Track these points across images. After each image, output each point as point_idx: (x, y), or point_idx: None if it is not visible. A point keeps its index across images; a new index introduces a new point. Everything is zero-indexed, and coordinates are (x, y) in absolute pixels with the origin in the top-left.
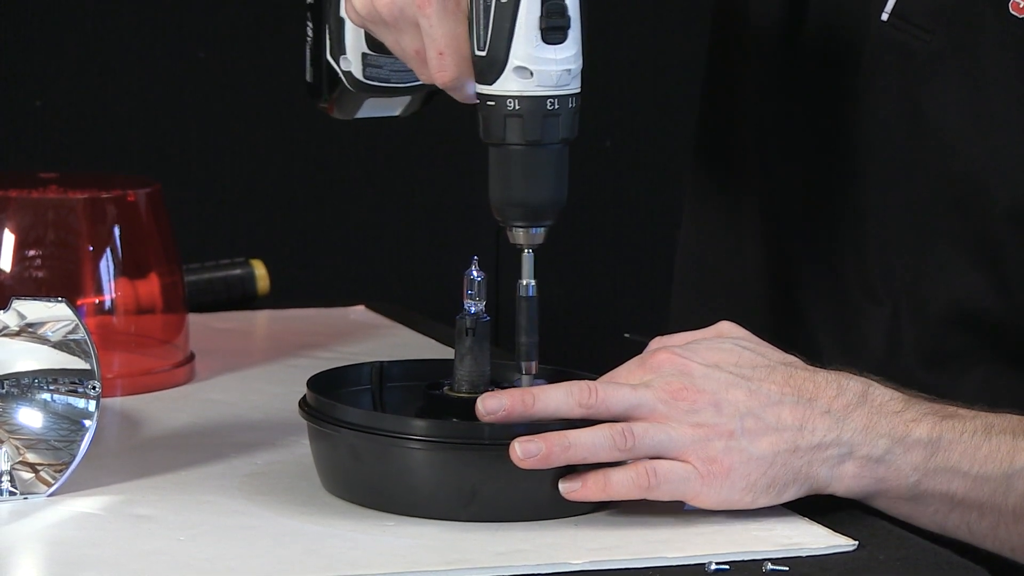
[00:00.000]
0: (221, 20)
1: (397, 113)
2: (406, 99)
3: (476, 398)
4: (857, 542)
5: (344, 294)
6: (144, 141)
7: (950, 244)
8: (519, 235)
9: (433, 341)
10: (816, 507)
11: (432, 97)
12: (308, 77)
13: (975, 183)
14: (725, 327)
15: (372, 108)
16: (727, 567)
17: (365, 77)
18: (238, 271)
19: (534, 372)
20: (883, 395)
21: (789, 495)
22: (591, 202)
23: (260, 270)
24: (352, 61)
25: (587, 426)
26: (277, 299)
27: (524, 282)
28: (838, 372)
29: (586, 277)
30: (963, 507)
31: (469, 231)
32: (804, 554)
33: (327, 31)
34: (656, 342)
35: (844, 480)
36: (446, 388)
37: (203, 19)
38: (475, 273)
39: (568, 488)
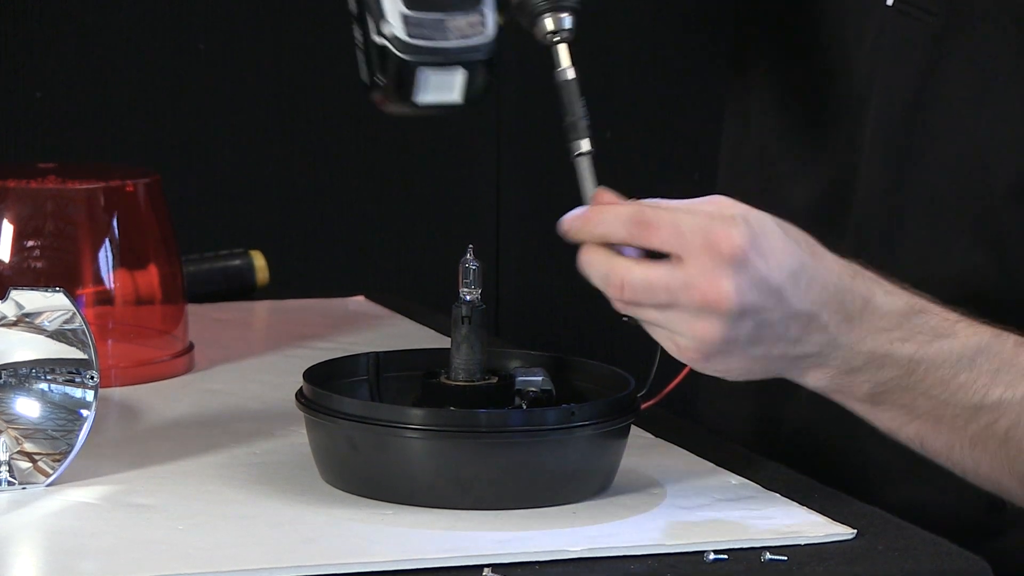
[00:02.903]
0: (221, 12)
1: (458, 97)
2: (462, 74)
3: (472, 387)
4: (856, 531)
5: (344, 284)
6: (144, 132)
7: (955, 223)
8: (547, 23)
9: (433, 331)
10: (815, 496)
11: (490, 82)
12: (363, 76)
13: (979, 160)
14: (726, 202)
15: (429, 87)
16: (725, 556)
17: (410, 36)
18: (237, 262)
19: (588, 148)
20: (882, 308)
21: (754, 377)
22: None
23: (259, 261)
24: (394, 24)
25: None
26: (276, 290)
27: (560, 69)
28: (848, 278)
29: None
30: (921, 423)
31: (469, 222)
32: (802, 543)
33: (368, 14)
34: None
35: (809, 380)
36: (443, 377)
37: (203, 11)
38: (470, 261)
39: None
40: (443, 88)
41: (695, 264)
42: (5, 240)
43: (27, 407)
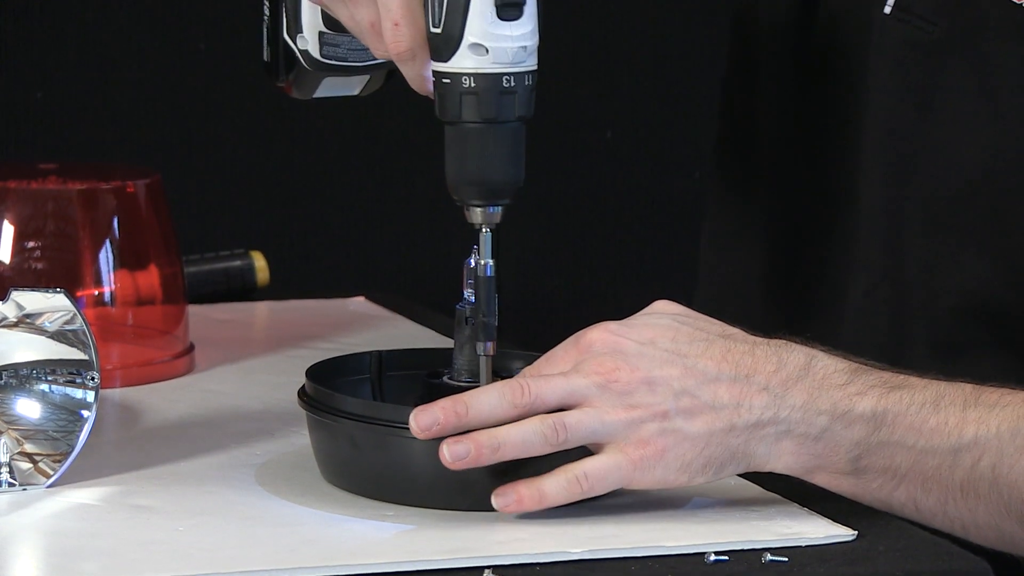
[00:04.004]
0: (221, 12)
1: (356, 92)
2: (364, 78)
3: (475, 388)
4: (856, 532)
5: (344, 285)
6: (144, 132)
7: (959, 234)
8: (476, 214)
9: (433, 332)
10: (815, 497)
11: (391, 76)
12: (265, 56)
13: (984, 170)
14: (660, 305)
15: (330, 87)
16: (726, 557)
17: (322, 56)
18: (238, 262)
19: (492, 353)
20: (827, 367)
21: (727, 473)
22: (592, 193)
23: (260, 261)
24: (309, 40)
25: None
26: (277, 290)
27: (482, 262)
28: (780, 343)
29: (585, 267)
30: (908, 483)
31: (469, 223)
32: (803, 544)
33: (284, 10)
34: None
35: (783, 457)
36: (446, 377)
37: (203, 11)
38: (474, 263)
39: (503, 503)
40: (342, 87)
41: (574, 355)
42: (6, 241)
43: (28, 408)
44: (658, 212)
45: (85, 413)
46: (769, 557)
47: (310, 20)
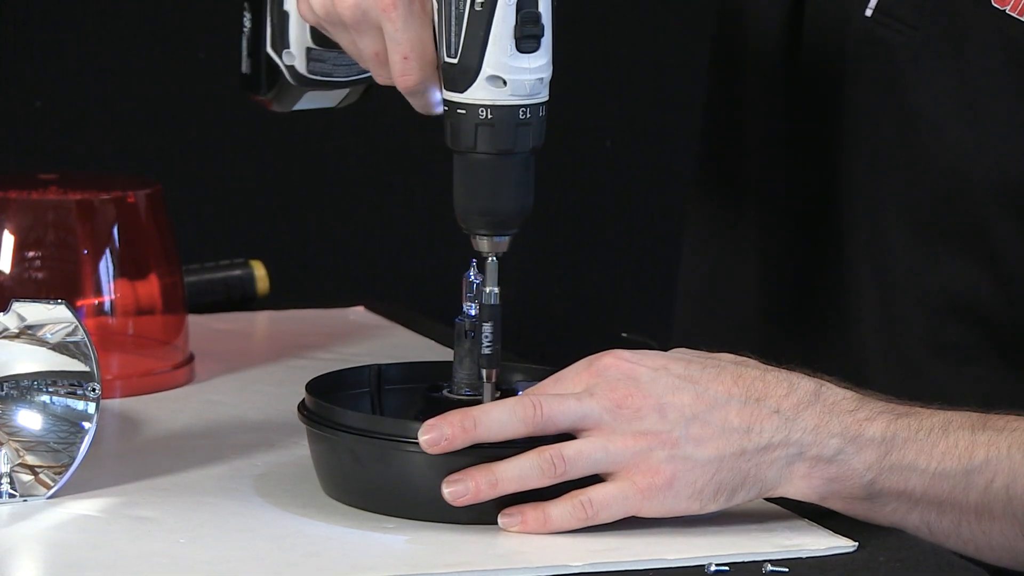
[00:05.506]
0: (221, 21)
1: (334, 105)
2: (344, 91)
3: (476, 401)
4: (857, 543)
5: (343, 295)
6: (144, 142)
7: (943, 236)
8: (484, 243)
9: (432, 342)
10: (816, 508)
11: (371, 90)
12: (244, 69)
13: (964, 174)
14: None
15: (310, 100)
16: (727, 568)
17: (308, 72)
18: (238, 272)
19: (495, 380)
20: (836, 394)
21: (739, 499)
22: (591, 202)
23: (260, 271)
24: (296, 55)
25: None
26: (277, 300)
27: (488, 290)
28: (790, 371)
29: (585, 276)
30: (922, 505)
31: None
32: (804, 555)
33: (268, 24)
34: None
35: (794, 481)
36: (445, 391)
37: (203, 20)
38: (473, 276)
39: (508, 523)
40: (322, 100)
41: (585, 378)
42: (6, 251)
43: (29, 419)
44: (658, 220)
45: (86, 424)
46: (770, 568)
47: (298, 36)
